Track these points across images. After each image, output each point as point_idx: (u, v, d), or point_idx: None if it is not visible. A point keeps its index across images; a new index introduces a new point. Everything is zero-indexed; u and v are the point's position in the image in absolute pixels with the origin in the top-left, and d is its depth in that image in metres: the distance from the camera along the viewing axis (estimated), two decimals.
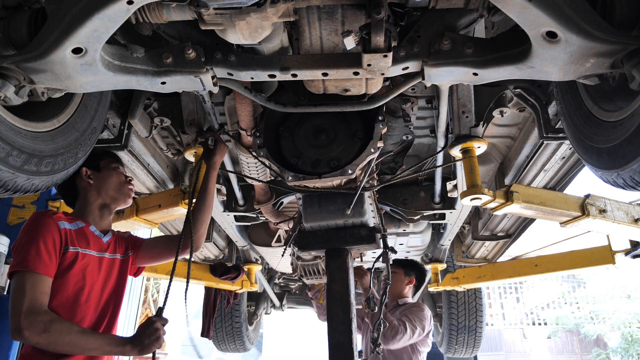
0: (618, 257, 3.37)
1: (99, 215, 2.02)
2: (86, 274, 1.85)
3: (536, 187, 3.04)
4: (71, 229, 1.86)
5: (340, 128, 2.20)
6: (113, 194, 2.04)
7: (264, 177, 2.91)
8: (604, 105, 1.54)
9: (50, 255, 1.73)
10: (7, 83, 1.45)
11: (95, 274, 1.89)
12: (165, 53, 1.62)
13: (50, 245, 1.74)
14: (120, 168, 2.13)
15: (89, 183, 2.02)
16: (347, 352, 2.13)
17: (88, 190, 2.02)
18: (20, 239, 1.77)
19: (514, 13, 1.30)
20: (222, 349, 6.20)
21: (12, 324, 1.61)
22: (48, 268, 1.71)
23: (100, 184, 2.03)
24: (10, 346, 3.72)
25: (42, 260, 1.70)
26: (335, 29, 1.62)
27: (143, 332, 1.75)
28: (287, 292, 6.88)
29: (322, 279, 3.31)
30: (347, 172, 2.07)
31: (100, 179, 2.04)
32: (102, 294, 1.91)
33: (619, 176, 1.48)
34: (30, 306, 1.61)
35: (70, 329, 1.66)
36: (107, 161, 2.10)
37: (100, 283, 1.91)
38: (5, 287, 3.64)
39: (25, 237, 1.76)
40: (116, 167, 2.11)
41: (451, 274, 4.53)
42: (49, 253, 1.73)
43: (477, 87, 2.33)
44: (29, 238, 1.74)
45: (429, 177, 3.33)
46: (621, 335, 16.40)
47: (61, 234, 1.80)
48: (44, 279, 1.69)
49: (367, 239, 2.33)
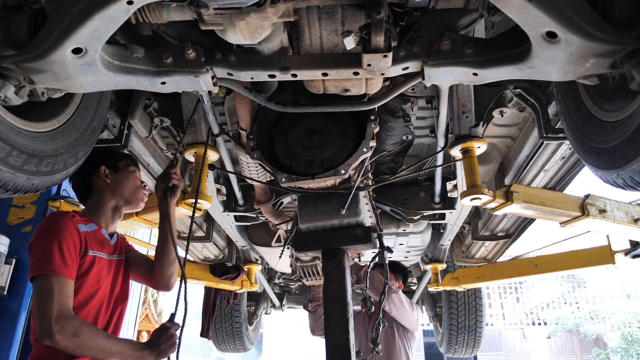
0: (618, 257, 3.37)
1: (111, 217, 2.01)
2: (100, 278, 1.85)
3: (536, 187, 3.04)
4: (88, 232, 1.84)
5: (333, 128, 2.20)
6: (127, 197, 2.02)
7: (263, 177, 2.91)
8: (603, 105, 1.54)
9: (72, 258, 1.72)
10: (7, 83, 1.45)
11: (106, 277, 1.89)
12: (165, 53, 1.62)
13: (72, 248, 1.73)
14: (137, 172, 2.11)
15: (105, 182, 2.00)
16: (345, 352, 2.13)
17: (104, 190, 2.00)
18: (39, 239, 1.75)
19: (513, 13, 1.30)
20: (222, 349, 6.21)
21: (42, 327, 1.61)
22: (71, 271, 1.71)
23: (116, 185, 2.01)
24: (10, 346, 3.72)
25: (67, 263, 1.69)
26: (335, 29, 1.62)
27: (159, 338, 1.81)
28: (287, 292, 6.88)
29: (321, 280, 3.31)
30: (340, 172, 2.08)
31: (117, 180, 2.02)
32: (111, 296, 1.91)
33: (619, 176, 1.48)
34: (59, 310, 1.62)
35: (97, 334, 1.69)
36: (126, 163, 2.08)
37: (109, 285, 1.91)
38: (6, 287, 3.64)
39: (46, 239, 1.73)
40: (134, 171, 2.09)
41: (451, 274, 4.52)
42: (71, 256, 1.72)
43: (477, 87, 2.33)
44: (50, 240, 1.71)
45: (429, 177, 3.33)
46: (621, 335, 16.41)
47: (81, 237, 1.78)
48: (68, 283, 1.69)
49: (362, 238, 2.33)
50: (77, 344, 1.62)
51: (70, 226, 1.77)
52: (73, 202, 3.26)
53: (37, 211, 4.60)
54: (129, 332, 7.97)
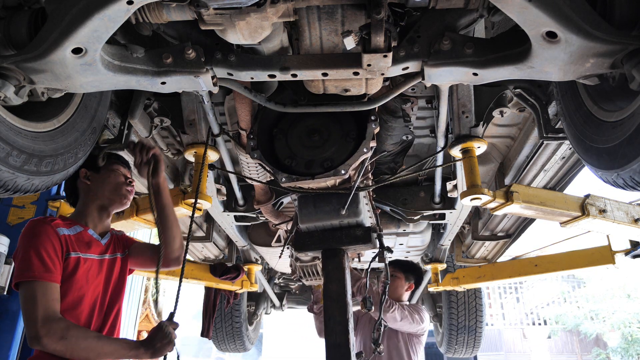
0: (618, 257, 3.37)
1: (98, 217, 2.01)
2: (89, 278, 1.85)
3: (536, 187, 3.04)
4: (70, 234, 1.85)
5: (333, 128, 2.20)
6: (109, 195, 2.02)
7: (263, 177, 2.91)
8: (603, 105, 1.54)
9: (53, 262, 1.73)
10: (7, 83, 1.45)
11: (97, 277, 1.89)
12: (165, 53, 1.62)
13: (52, 252, 1.74)
14: (120, 169, 2.10)
15: (86, 184, 2.01)
16: (345, 352, 2.13)
17: (86, 192, 2.02)
18: (20, 247, 1.76)
19: (513, 13, 1.30)
20: (222, 349, 6.20)
21: (29, 332, 1.62)
22: (54, 275, 1.71)
23: (97, 185, 2.02)
24: (10, 346, 3.72)
25: (47, 268, 1.70)
26: (335, 29, 1.62)
27: (155, 336, 1.80)
28: (287, 292, 6.88)
29: (321, 280, 3.31)
30: (340, 173, 2.08)
31: (98, 180, 2.03)
32: (104, 295, 1.91)
33: (619, 176, 1.48)
34: (45, 314, 1.63)
35: (86, 335, 1.69)
36: (107, 162, 2.08)
37: (102, 285, 1.91)
38: (6, 287, 3.64)
39: (25, 246, 1.74)
40: (116, 169, 2.08)
41: (451, 274, 4.52)
42: (52, 260, 1.72)
43: (477, 87, 2.33)
44: (28, 247, 1.73)
45: (429, 177, 3.33)
46: (621, 335, 16.40)
47: (61, 240, 1.79)
48: (52, 286, 1.69)
49: (362, 239, 2.33)
50: (66, 346, 1.62)
51: (48, 230, 1.77)
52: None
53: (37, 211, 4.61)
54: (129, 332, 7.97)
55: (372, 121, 2.09)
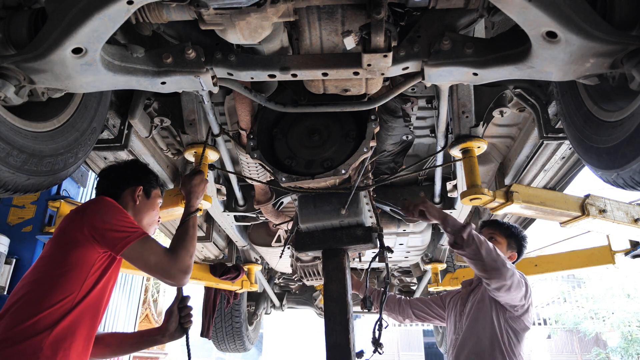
0: (618, 257, 3.37)
1: None
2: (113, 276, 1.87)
3: (536, 187, 3.04)
4: None
5: (333, 128, 2.20)
6: (144, 223, 2.02)
7: (263, 177, 2.91)
8: (604, 105, 1.54)
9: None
10: (7, 83, 1.45)
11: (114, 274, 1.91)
12: (165, 53, 1.62)
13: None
14: (160, 206, 2.13)
15: (134, 202, 1.99)
16: (345, 352, 2.13)
17: (129, 207, 1.98)
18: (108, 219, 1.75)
19: (514, 13, 1.30)
20: (222, 349, 6.20)
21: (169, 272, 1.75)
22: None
23: (142, 209, 2.01)
24: None
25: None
26: (335, 29, 1.62)
27: (190, 179, 2.07)
28: (287, 292, 6.88)
29: (322, 280, 3.31)
30: (340, 172, 2.08)
31: (144, 205, 2.02)
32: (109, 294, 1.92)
33: (619, 176, 1.48)
34: (166, 255, 1.76)
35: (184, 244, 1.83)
36: (157, 194, 2.09)
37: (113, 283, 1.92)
38: (6, 287, 3.64)
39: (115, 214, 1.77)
40: (160, 204, 2.12)
41: (451, 274, 4.53)
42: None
43: (477, 87, 2.33)
44: (118, 214, 1.78)
45: (428, 177, 3.33)
46: (621, 335, 16.40)
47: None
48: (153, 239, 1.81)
49: (363, 238, 2.33)
50: (190, 264, 1.80)
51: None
52: (73, 202, 3.26)
53: (37, 211, 4.61)
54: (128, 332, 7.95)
55: (372, 121, 2.09)
